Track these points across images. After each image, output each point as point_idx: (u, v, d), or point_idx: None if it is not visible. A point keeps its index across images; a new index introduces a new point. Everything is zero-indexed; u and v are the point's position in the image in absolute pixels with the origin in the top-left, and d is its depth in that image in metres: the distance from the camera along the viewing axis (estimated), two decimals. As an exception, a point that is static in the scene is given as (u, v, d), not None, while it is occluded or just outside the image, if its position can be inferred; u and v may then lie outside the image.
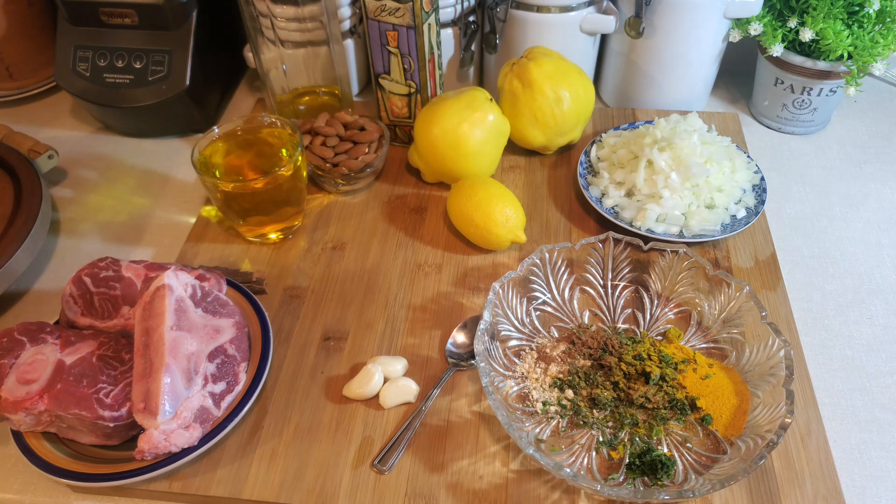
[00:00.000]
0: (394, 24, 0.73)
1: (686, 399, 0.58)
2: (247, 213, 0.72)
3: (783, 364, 0.55)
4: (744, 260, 0.71)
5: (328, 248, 0.75)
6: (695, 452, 0.55)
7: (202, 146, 0.71)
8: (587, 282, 0.67)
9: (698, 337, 0.64)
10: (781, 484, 0.54)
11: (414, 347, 0.65)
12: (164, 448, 0.53)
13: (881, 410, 0.61)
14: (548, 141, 0.80)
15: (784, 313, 0.66)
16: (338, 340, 0.65)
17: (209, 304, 0.61)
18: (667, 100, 0.90)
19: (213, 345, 0.59)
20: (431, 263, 0.72)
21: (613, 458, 0.56)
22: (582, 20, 0.83)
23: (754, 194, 0.74)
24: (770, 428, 0.52)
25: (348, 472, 0.56)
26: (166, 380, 0.54)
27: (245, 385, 0.59)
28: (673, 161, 0.71)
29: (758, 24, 0.82)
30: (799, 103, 0.86)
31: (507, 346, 0.63)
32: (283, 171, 0.68)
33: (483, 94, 0.76)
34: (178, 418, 0.54)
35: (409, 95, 0.81)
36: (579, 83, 0.78)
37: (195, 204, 0.82)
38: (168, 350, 0.55)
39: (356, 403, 0.60)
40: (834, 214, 0.78)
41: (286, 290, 0.70)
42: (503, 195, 0.71)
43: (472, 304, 0.68)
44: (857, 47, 0.77)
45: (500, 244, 0.71)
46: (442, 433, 0.58)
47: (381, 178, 0.83)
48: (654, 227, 0.71)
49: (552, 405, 0.59)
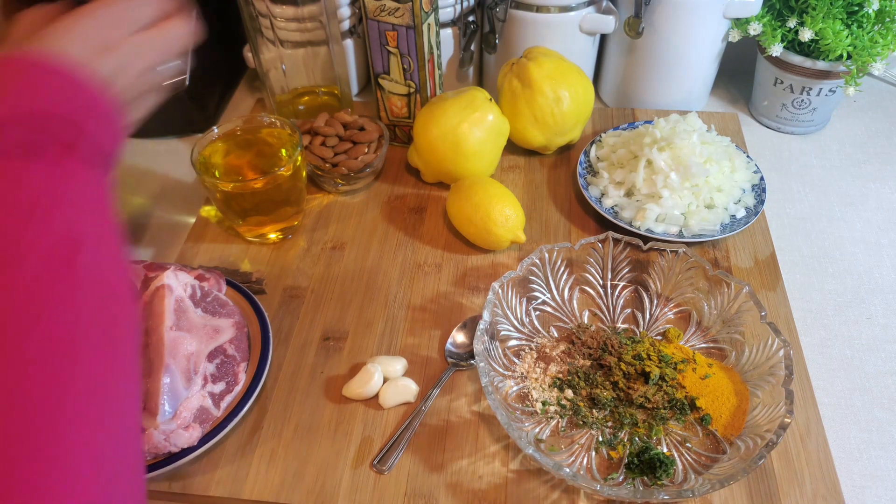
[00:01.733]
0: (393, 23, 0.73)
1: (685, 399, 0.58)
2: (246, 213, 0.72)
3: (783, 364, 0.55)
4: (743, 260, 0.71)
5: (328, 248, 0.75)
6: (694, 452, 0.55)
7: (202, 146, 0.71)
8: (587, 282, 0.67)
9: (698, 337, 0.64)
10: (781, 484, 0.54)
11: (413, 347, 0.65)
12: (164, 448, 0.53)
13: (881, 410, 0.61)
14: (547, 141, 0.80)
15: (784, 313, 0.66)
16: (337, 340, 0.65)
17: (209, 304, 0.61)
18: (666, 100, 0.90)
19: (213, 345, 0.59)
20: (431, 263, 0.72)
21: (613, 457, 0.56)
22: (581, 20, 0.83)
23: (754, 194, 0.74)
24: (769, 428, 0.52)
25: (348, 471, 0.56)
26: (166, 380, 0.54)
27: (245, 385, 0.59)
28: (672, 161, 0.71)
29: (757, 23, 0.82)
30: (798, 103, 0.86)
31: (507, 346, 0.63)
32: (283, 171, 0.68)
33: (482, 94, 0.76)
34: (177, 418, 0.54)
35: (408, 95, 0.81)
36: (579, 83, 0.78)
37: (195, 204, 0.82)
38: (167, 350, 0.55)
39: (356, 403, 0.60)
40: (833, 214, 0.78)
41: (286, 290, 0.70)
42: (503, 195, 0.71)
43: (471, 303, 0.68)
44: (857, 47, 0.77)
45: (499, 244, 0.71)
46: (441, 433, 0.58)
47: (380, 178, 0.83)
48: (653, 227, 0.71)
49: (552, 405, 0.59)
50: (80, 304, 0.34)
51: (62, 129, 0.38)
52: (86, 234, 0.36)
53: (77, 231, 0.36)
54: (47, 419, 0.30)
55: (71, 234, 0.35)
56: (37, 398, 0.31)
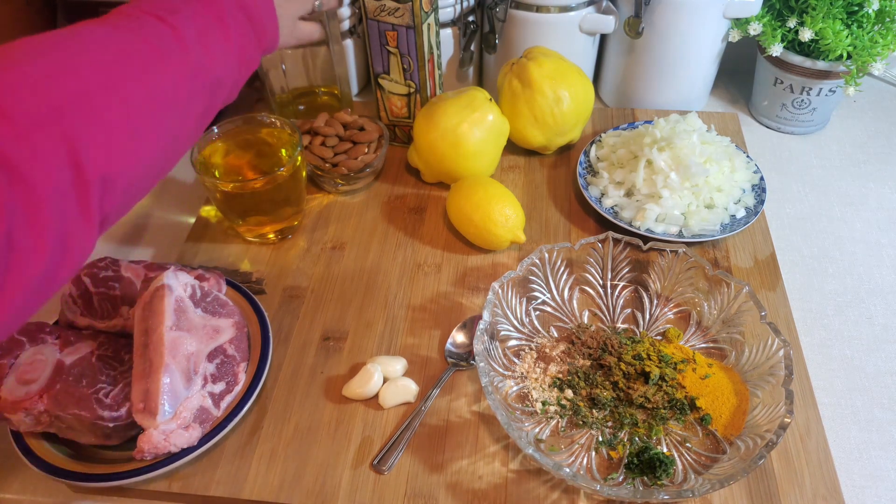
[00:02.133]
0: (393, 23, 0.73)
1: (685, 399, 0.58)
2: (246, 213, 0.72)
3: (782, 364, 0.55)
4: (743, 260, 0.71)
5: (328, 248, 0.75)
6: (694, 452, 0.55)
7: (201, 146, 0.71)
8: (586, 281, 0.67)
9: (698, 337, 0.64)
10: (781, 484, 0.54)
11: (413, 347, 0.65)
12: (164, 448, 0.53)
13: (881, 410, 0.61)
14: (547, 141, 0.80)
15: (783, 313, 0.66)
16: (337, 340, 0.65)
17: (209, 304, 0.61)
18: (666, 100, 0.90)
19: (213, 345, 0.59)
20: (431, 263, 0.72)
21: (613, 457, 0.56)
22: (581, 20, 0.83)
23: (754, 194, 0.74)
24: (769, 428, 0.52)
25: (348, 472, 0.56)
26: (166, 380, 0.54)
27: (244, 385, 0.59)
28: (672, 161, 0.71)
29: (757, 23, 0.82)
30: (798, 103, 0.86)
31: (507, 346, 0.63)
32: (283, 171, 0.68)
33: (482, 94, 0.76)
34: (177, 418, 0.54)
35: (408, 95, 0.81)
36: (579, 83, 0.78)
37: (195, 204, 0.82)
38: (167, 350, 0.55)
39: (356, 403, 0.60)
40: (833, 214, 0.78)
41: (286, 290, 0.70)
42: (502, 195, 0.72)
43: (471, 303, 0.68)
44: (857, 47, 0.77)
45: (499, 244, 0.71)
46: (441, 433, 0.58)
47: (380, 178, 0.83)
48: (653, 227, 0.71)
49: (552, 405, 0.59)
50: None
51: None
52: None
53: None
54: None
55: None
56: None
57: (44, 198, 0.37)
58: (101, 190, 0.41)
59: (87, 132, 0.40)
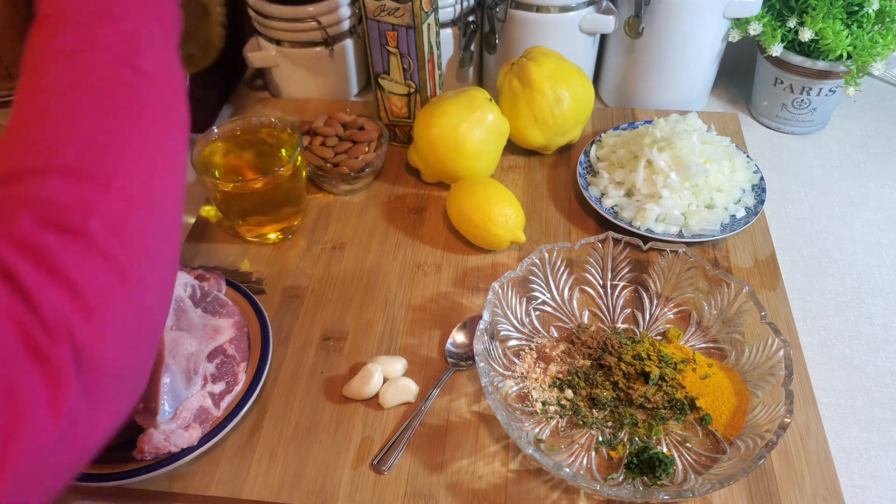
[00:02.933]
0: (393, 23, 0.73)
1: (685, 399, 0.58)
2: (246, 213, 0.72)
3: (782, 364, 0.55)
4: (743, 260, 0.71)
5: (328, 248, 0.75)
6: (694, 452, 0.55)
7: (202, 146, 0.71)
8: (586, 282, 0.67)
9: (698, 337, 0.64)
10: (781, 484, 0.54)
11: (413, 347, 0.65)
12: (164, 448, 0.53)
13: (881, 410, 0.61)
14: (547, 141, 0.80)
15: (783, 313, 0.66)
16: (337, 340, 0.65)
17: (209, 304, 0.61)
18: (666, 100, 0.90)
19: (213, 345, 0.59)
20: (431, 263, 0.72)
21: (613, 457, 0.56)
22: (581, 20, 0.83)
23: (754, 194, 0.74)
24: (769, 428, 0.52)
25: (348, 472, 0.56)
26: (166, 380, 0.54)
27: (244, 385, 0.59)
28: (672, 161, 0.71)
29: (757, 23, 0.82)
30: (798, 103, 0.86)
31: (507, 346, 0.63)
32: (283, 171, 0.68)
33: (482, 94, 0.76)
34: (177, 418, 0.54)
35: (408, 95, 0.81)
36: (579, 83, 0.78)
37: (195, 204, 0.82)
38: (167, 350, 0.55)
39: (356, 403, 0.60)
40: (833, 214, 0.78)
41: (286, 290, 0.70)
42: (502, 195, 0.72)
43: (471, 303, 0.68)
44: (857, 47, 0.77)
45: (499, 244, 0.71)
46: (441, 433, 0.58)
47: (380, 178, 0.83)
48: (653, 227, 0.71)
49: (552, 405, 0.59)
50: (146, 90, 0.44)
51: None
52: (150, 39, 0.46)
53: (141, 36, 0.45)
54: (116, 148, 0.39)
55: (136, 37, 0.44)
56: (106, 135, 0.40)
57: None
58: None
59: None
